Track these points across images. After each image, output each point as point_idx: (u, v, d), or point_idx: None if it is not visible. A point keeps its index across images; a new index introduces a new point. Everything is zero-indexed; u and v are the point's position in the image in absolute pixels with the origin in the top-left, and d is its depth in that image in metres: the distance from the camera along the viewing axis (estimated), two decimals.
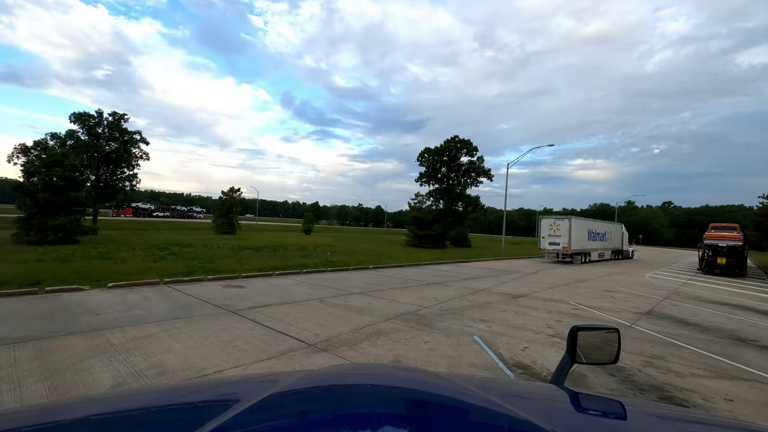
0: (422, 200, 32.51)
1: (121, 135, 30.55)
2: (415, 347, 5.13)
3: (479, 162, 34.24)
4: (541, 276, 14.75)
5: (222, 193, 36.00)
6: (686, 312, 8.85)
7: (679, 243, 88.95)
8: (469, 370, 4.46)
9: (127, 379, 3.71)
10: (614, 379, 4.41)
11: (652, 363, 5.02)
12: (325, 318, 6.45)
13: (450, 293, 9.54)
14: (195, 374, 3.92)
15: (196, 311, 6.51)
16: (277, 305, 7.24)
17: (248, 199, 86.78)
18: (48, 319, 5.65)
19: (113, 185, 31.21)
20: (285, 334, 5.41)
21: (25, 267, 9.64)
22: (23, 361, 4.08)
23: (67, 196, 17.67)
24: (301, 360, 4.48)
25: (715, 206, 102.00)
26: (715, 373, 4.81)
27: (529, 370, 4.55)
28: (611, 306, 9.04)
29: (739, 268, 19.49)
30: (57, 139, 26.68)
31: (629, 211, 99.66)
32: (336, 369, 1.27)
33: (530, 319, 7.19)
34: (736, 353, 5.70)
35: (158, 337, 5.06)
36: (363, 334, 5.64)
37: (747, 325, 7.82)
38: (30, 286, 7.54)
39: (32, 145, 19.73)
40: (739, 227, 21.47)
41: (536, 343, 5.61)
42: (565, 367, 1.36)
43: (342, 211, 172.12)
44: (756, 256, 41.20)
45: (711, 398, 4.03)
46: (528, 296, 9.77)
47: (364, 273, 12.79)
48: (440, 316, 7.01)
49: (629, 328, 6.84)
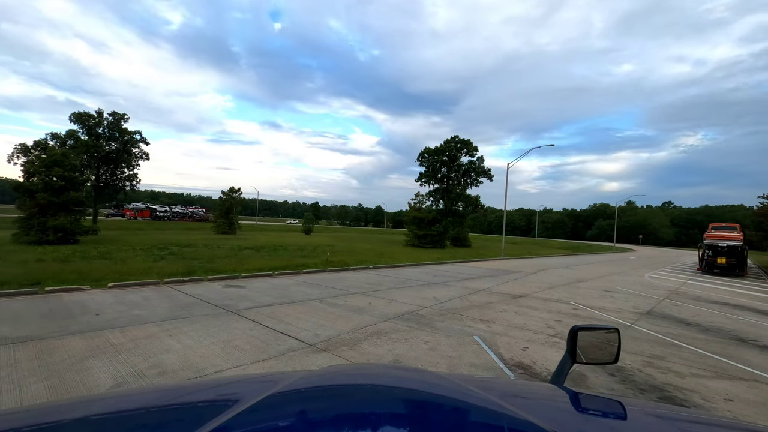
0: (422, 200, 32.52)
1: (121, 135, 30.60)
2: (415, 347, 5.12)
3: (479, 162, 34.30)
4: (541, 276, 14.75)
5: (222, 193, 36.02)
6: (686, 312, 8.85)
7: (679, 243, 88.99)
8: (469, 370, 4.46)
9: (127, 379, 3.71)
10: (614, 379, 4.41)
11: (652, 363, 5.02)
12: (325, 318, 6.45)
13: (450, 293, 9.54)
14: (195, 374, 3.92)
15: (196, 311, 6.51)
16: (277, 305, 7.23)
17: (248, 199, 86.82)
18: (48, 319, 5.65)
19: (113, 185, 31.26)
20: (285, 334, 5.41)
21: (25, 267, 9.64)
22: (23, 361, 4.08)
23: (67, 196, 17.68)
24: (301, 360, 4.48)
25: (715, 206, 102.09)
26: (715, 373, 4.81)
27: (529, 370, 4.55)
28: (611, 306, 9.04)
29: (739, 268, 19.48)
30: (57, 139, 26.73)
31: (629, 211, 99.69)
32: (336, 369, 1.27)
33: (530, 319, 7.19)
34: (736, 353, 5.70)
35: (158, 337, 5.06)
36: (363, 334, 5.64)
37: (747, 325, 7.82)
38: (30, 286, 7.54)
39: (32, 145, 19.78)
40: (739, 227, 21.47)
41: (536, 343, 5.61)
42: (565, 367, 1.36)
43: (342, 211, 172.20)
44: (756, 256, 41.19)
45: (711, 398, 4.03)
46: (528, 296, 9.77)
47: (364, 273, 12.78)
48: (440, 316, 7.01)
49: (629, 328, 6.84)
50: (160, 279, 9.09)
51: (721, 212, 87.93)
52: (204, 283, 9.38)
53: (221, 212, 34.36)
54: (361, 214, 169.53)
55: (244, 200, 40.80)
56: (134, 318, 5.91)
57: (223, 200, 35.26)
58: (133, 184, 32.26)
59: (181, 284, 8.95)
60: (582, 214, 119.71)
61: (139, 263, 11.28)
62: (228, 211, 34.30)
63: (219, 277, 9.93)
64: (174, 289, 8.33)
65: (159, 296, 7.57)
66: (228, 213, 34.24)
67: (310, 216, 47.13)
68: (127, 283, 8.44)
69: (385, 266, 14.82)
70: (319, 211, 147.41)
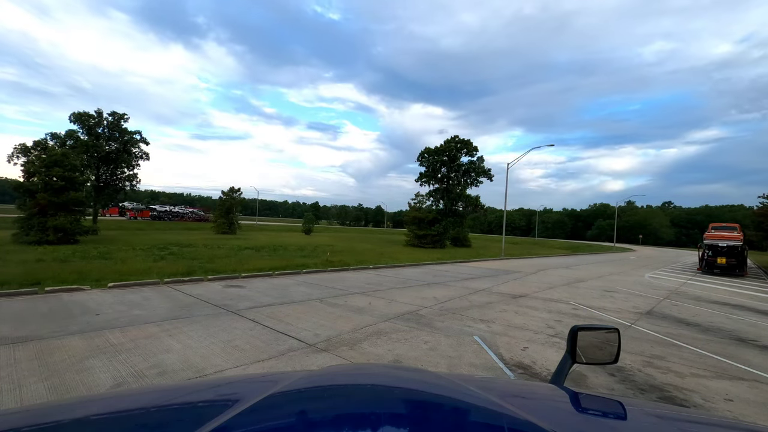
0: (422, 200, 32.51)
1: (120, 135, 30.61)
2: (415, 347, 5.12)
3: (479, 162, 34.31)
4: (541, 276, 14.75)
5: (222, 193, 36.03)
6: (686, 312, 8.85)
7: (679, 243, 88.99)
8: (469, 370, 4.46)
9: (127, 379, 3.71)
10: (614, 379, 4.41)
11: (652, 363, 5.02)
12: (325, 318, 6.44)
13: (450, 293, 9.54)
14: (195, 374, 3.92)
15: (196, 311, 6.51)
16: (277, 305, 7.23)
17: (248, 199, 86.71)
18: (48, 319, 5.65)
19: (113, 185, 31.27)
20: (285, 334, 5.41)
21: (25, 267, 9.64)
22: (23, 361, 4.08)
23: (67, 196, 17.67)
24: (301, 360, 4.48)
25: (715, 206, 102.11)
26: (715, 373, 4.81)
27: (529, 370, 4.55)
28: (611, 306, 9.04)
29: (739, 268, 19.48)
30: (57, 139, 26.73)
31: (629, 211, 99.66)
32: (336, 369, 1.28)
33: (530, 319, 7.19)
34: (736, 353, 5.70)
35: (158, 337, 5.06)
36: (363, 334, 5.64)
37: (747, 325, 7.82)
38: (30, 286, 7.54)
39: (32, 145, 19.78)
40: (739, 227, 21.49)
41: (536, 343, 5.61)
42: (565, 367, 1.36)
43: (342, 211, 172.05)
44: (756, 256, 41.21)
45: (711, 398, 4.03)
46: (528, 296, 9.77)
47: (364, 273, 12.78)
48: (440, 316, 7.01)
49: (629, 328, 6.84)
50: (160, 279, 9.09)
51: (721, 212, 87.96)
52: (204, 283, 9.38)
53: (221, 212, 34.38)
54: (361, 214, 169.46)
55: (244, 200, 40.81)
56: (134, 318, 5.90)
57: (223, 200, 35.28)
58: (133, 184, 32.26)
59: (181, 284, 8.95)
60: (582, 214, 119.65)
61: (139, 263, 11.28)
62: (228, 211, 34.33)
63: (219, 277, 9.93)
64: (174, 289, 8.33)
65: (159, 296, 7.57)
66: (228, 213, 34.27)
67: (310, 216, 47.05)
68: (127, 283, 8.44)
69: (385, 266, 14.82)
70: (319, 211, 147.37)
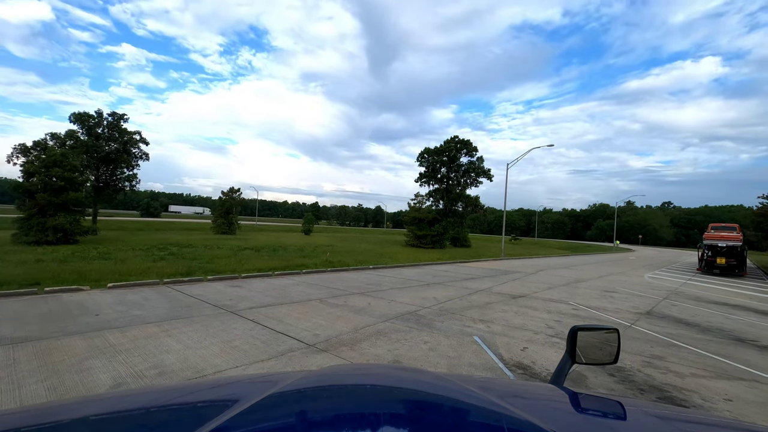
0: (422, 200, 32.53)
1: (120, 135, 30.59)
2: (415, 347, 5.12)
3: (479, 162, 34.35)
4: (540, 276, 14.75)
5: (222, 193, 36.03)
6: (686, 312, 8.86)
7: (679, 243, 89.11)
8: (469, 370, 4.46)
9: (127, 380, 3.71)
10: (614, 379, 4.41)
11: (652, 363, 5.02)
12: (325, 318, 6.44)
13: (450, 293, 9.54)
14: (194, 374, 3.92)
15: (196, 311, 6.51)
16: (276, 305, 7.23)
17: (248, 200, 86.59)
18: (47, 320, 5.65)
19: (113, 185, 31.25)
20: (285, 335, 5.41)
21: (24, 267, 9.63)
22: (23, 361, 4.07)
23: (67, 196, 17.65)
24: (301, 360, 4.48)
25: (714, 206, 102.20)
26: (714, 373, 4.81)
27: (529, 370, 4.55)
28: (611, 306, 9.04)
29: (738, 268, 19.50)
30: (57, 140, 26.70)
31: (629, 211, 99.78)
32: (335, 369, 1.28)
33: (530, 319, 7.19)
34: (735, 353, 5.71)
35: (158, 337, 5.06)
36: (363, 334, 5.63)
37: (746, 325, 7.83)
38: (29, 286, 7.53)
39: (32, 145, 19.76)
40: (738, 227, 21.50)
41: (536, 344, 5.61)
42: (565, 368, 1.36)
43: (342, 211, 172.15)
44: (756, 256, 41.24)
45: (711, 398, 4.03)
46: (527, 296, 9.77)
47: (364, 273, 12.78)
48: (440, 316, 7.01)
49: (629, 329, 6.84)
50: (160, 279, 9.08)
51: (720, 212, 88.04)
52: (204, 283, 9.38)
53: (221, 212, 34.37)
54: (360, 214, 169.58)
55: (243, 200, 40.78)
56: (134, 318, 5.90)
57: (223, 200, 35.27)
58: (133, 185, 32.25)
59: (180, 284, 8.95)
60: (581, 215, 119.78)
61: (138, 263, 11.27)
62: (228, 212, 34.32)
63: (219, 278, 9.93)
64: (174, 290, 8.32)
65: (158, 296, 7.57)
66: (228, 213, 34.25)
67: (310, 216, 47.03)
68: (127, 284, 8.43)
69: (385, 266, 14.82)
70: (318, 212, 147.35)
